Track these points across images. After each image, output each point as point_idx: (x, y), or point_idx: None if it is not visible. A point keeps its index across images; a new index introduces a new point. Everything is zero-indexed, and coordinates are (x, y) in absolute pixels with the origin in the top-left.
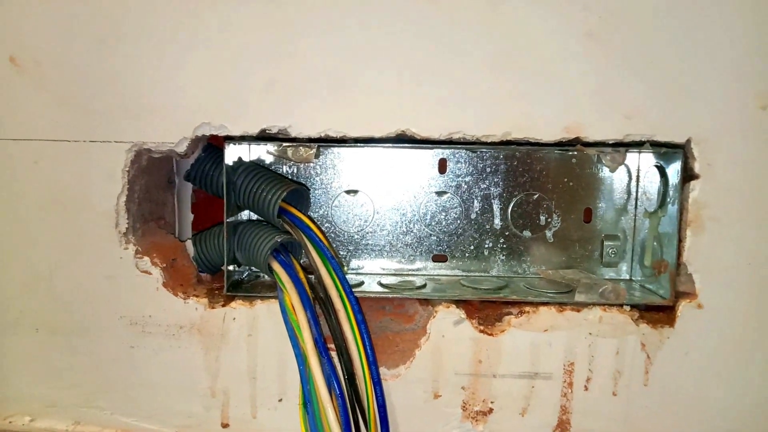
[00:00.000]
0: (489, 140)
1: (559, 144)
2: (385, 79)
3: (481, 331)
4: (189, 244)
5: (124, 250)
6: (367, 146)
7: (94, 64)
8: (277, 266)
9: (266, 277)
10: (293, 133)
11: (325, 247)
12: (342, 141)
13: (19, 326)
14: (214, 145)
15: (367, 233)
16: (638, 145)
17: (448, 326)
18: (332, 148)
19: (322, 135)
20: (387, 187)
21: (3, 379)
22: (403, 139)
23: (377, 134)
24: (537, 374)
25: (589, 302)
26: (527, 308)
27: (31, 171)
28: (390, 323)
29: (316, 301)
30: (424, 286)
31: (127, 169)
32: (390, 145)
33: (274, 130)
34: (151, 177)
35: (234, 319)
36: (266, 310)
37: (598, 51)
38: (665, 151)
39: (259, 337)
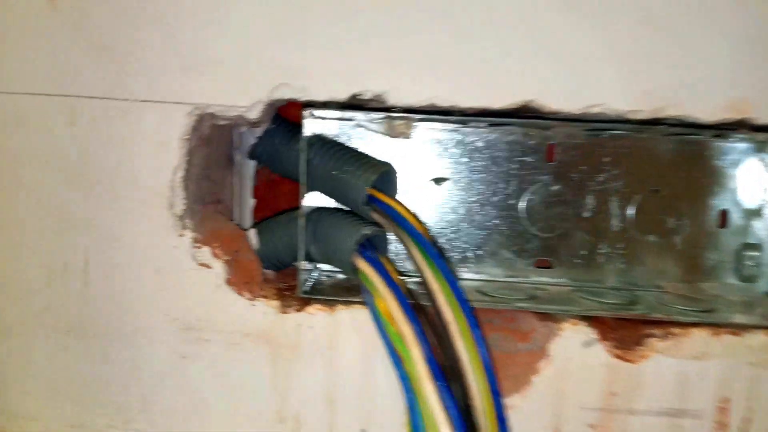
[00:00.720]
0: (636, 117)
1: (717, 126)
2: (509, 40)
3: (618, 356)
4: (251, 233)
5: (180, 237)
6: (468, 124)
7: (148, 5)
8: (365, 265)
9: (333, 278)
10: (391, 101)
11: (428, 242)
12: (447, 113)
13: (42, 327)
14: (283, 117)
15: (457, 230)
16: None
17: (576, 348)
18: (419, 126)
19: (426, 105)
20: (481, 176)
21: (18, 393)
22: (516, 115)
23: (495, 105)
24: (684, 412)
25: (751, 324)
26: (675, 330)
27: (63, 135)
28: (500, 341)
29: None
30: (536, 297)
31: (186, 137)
32: (495, 120)
33: (367, 96)
34: (212, 151)
35: (311, 327)
36: (350, 317)
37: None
38: None
39: (341, 351)
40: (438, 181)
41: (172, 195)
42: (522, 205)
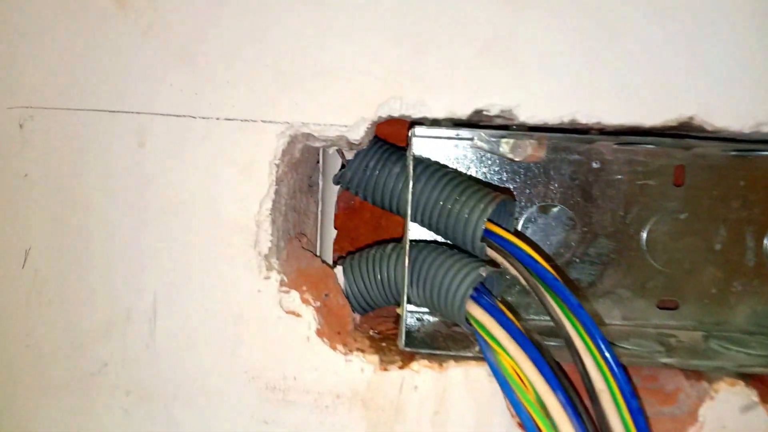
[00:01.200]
0: None
1: None
2: (672, 46)
3: None
4: (338, 271)
5: (265, 280)
6: (596, 142)
7: (232, 10)
8: (481, 313)
9: (430, 322)
10: (522, 117)
11: (564, 289)
12: (585, 132)
13: (98, 387)
14: (378, 138)
15: (568, 265)
16: None
17: (733, 414)
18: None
19: (566, 122)
20: (597, 203)
21: None
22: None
23: (647, 123)
24: None
25: None
26: None
27: (132, 159)
28: None
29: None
30: (675, 348)
31: (276, 161)
32: (626, 138)
33: (494, 112)
34: (299, 176)
35: (416, 387)
36: (462, 376)
37: None
38: None
39: (451, 416)
40: (546, 208)
41: (258, 230)
42: (652, 236)
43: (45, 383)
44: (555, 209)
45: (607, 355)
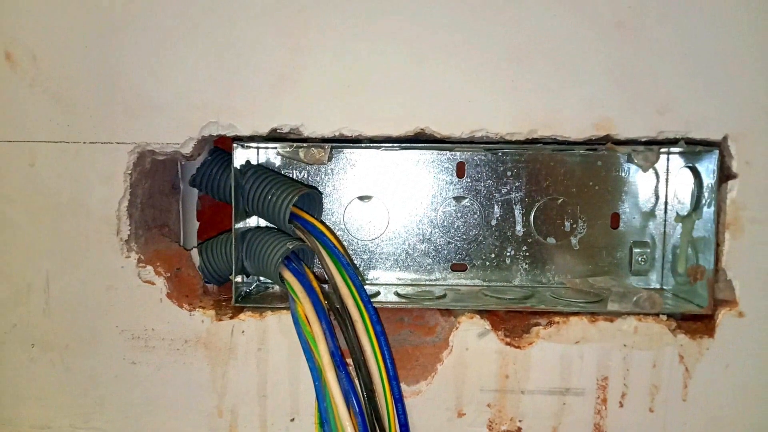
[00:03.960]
0: (514, 139)
1: (588, 142)
2: (402, 74)
3: (508, 344)
4: (195, 253)
5: (126, 259)
6: (381, 148)
7: (93, 59)
8: (288, 275)
9: (276, 288)
10: (306, 133)
11: (341, 254)
12: (356, 141)
13: (11, 342)
14: (220, 149)
15: (382, 242)
16: (672, 143)
17: (472, 338)
18: (344, 151)
19: (336, 134)
20: (402, 193)
21: None
22: (419, 140)
23: (394, 133)
24: (568, 390)
25: (624, 311)
26: (557, 318)
27: (26, 174)
28: (409, 336)
29: (332, 312)
30: (444, 296)
31: (129, 172)
32: (406, 145)
33: (285, 130)
34: (155, 181)
35: (243, 332)
36: (277, 322)
37: (629, 42)
38: (699, 149)
39: (270, 351)
40: (363, 198)
41: (119, 222)
42: (440, 216)
43: None
44: (370, 200)
45: (362, 295)
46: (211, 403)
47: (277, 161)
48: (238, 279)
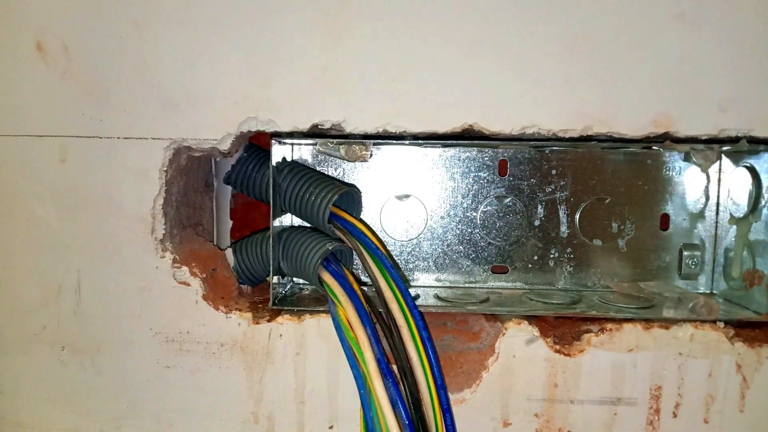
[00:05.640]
0: (567, 136)
1: (645, 140)
2: (450, 67)
3: (557, 351)
4: (229, 252)
5: (161, 259)
6: (423, 145)
7: (128, 51)
8: (328, 277)
9: (310, 290)
10: (348, 129)
11: (384, 255)
12: (399, 138)
13: (41, 344)
14: (256, 145)
15: (420, 242)
16: (733, 141)
17: (520, 345)
18: (382, 148)
19: (380, 131)
20: (441, 191)
21: (19, 402)
22: (464, 137)
23: (441, 129)
24: (620, 400)
25: (679, 318)
26: (609, 325)
27: (57, 170)
28: (452, 341)
29: (373, 315)
30: (487, 300)
31: (164, 168)
32: (449, 142)
33: (327, 125)
34: (190, 178)
35: (280, 336)
36: (316, 325)
37: (689, 34)
38: (761, 148)
39: (309, 356)
40: (401, 197)
41: (153, 221)
42: (481, 215)
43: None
44: (408, 198)
45: (407, 299)
46: (247, 409)
47: (309, 158)
48: (275, 280)
